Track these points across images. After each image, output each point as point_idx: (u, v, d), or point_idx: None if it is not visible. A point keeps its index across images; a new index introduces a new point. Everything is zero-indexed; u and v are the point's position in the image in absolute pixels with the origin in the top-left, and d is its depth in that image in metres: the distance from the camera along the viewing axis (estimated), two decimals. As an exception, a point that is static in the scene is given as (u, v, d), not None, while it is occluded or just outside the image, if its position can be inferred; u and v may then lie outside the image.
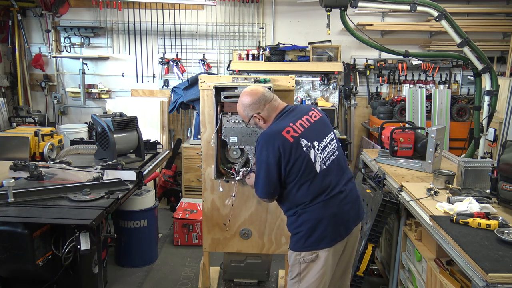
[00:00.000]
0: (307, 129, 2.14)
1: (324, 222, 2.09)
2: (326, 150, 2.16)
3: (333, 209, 2.10)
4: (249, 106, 2.21)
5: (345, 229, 2.16)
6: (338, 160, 2.20)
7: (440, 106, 4.92)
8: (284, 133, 2.08)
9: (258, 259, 3.08)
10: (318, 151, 2.12)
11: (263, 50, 5.44)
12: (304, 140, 2.09)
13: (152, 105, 5.59)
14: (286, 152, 2.06)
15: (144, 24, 5.65)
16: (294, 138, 2.08)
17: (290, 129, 2.10)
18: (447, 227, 2.09)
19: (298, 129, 2.11)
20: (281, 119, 2.18)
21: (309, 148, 2.09)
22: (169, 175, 5.43)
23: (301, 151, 2.08)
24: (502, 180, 2.35)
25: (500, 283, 1.66)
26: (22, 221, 2.36)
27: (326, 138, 2.19)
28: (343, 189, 2.15)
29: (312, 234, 2.10)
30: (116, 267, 3.78)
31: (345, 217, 2.15)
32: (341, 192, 2.14)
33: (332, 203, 2.10)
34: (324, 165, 2.12)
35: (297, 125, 2.12)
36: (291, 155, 2.07)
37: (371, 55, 5.63)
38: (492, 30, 5.49)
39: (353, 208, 2.19)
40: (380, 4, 3.08)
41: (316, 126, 2.18)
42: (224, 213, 2.86)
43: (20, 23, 5.59)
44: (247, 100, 2.21)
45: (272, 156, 2.07)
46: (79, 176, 3.05)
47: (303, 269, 2.14)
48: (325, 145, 2.16)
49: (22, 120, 4.94)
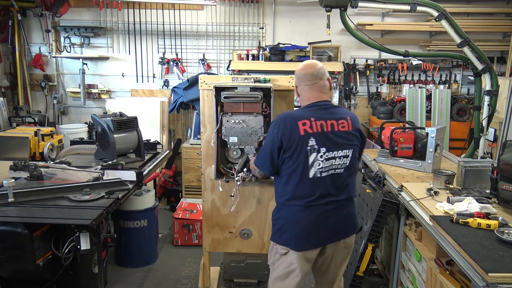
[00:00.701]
0: (324, 133, 2.09)
1: (296, 226, 2.11)
2: (331, 161, 2.10)
3: (310, 218, 2.10)
4: (296, 75, 2.25)
5: (319, 240, 2.15)
6: (340, 176, 2.14)
7: (440, 106, 4.92)
8: (299, 123, 2.07)
9: (258, 259, 3.08)
10: (321, 158, 2.08)
11: (263, 50, 5.44)
12: (312, 140, 2.07)
13: (152, 105, 5.59)
14: (291, 140, 2.06)
15: (144, 24, 5.65)
16: (305, 132, 2.06)
17: (307, 122, 2.08)
18: (447, 227, 2.09)
19: (315, 128, 2.08)
20: (310, 109, 2.15)
21: (312, 150, 2.07)
22: (169, 175, 5.42)
23: (304, 149, 2.06)
24: (502, 180, 2.35)
25: (500, 283, 1.66)
26: (22, 221, 2.36)
27: (339, 151, 2.12)
28: (332, 202, 2.11)
29: (284, 232, 2.15)
30: (116, 267, 3.78)
31: (324, 229, 2.12)
32: (329, 204, 2.11)
33: (311, 212, 2.09)
34: (320, 173, 2.08)
35: (317, 124, 2.09)
36: (292, 146, 2.07)
37: (371, 55, 5.63)
38: (492, 30, 5.49)
39: (339, 223, 2.16)
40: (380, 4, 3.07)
41: (337, 136, 2.12)
42: (224, 213, 2.86)
43: (20, 23, 5.59)
44: (298, 69, 2.23)
45: (280, 135, 2.09)
46: (79, 176, 3.05)
47: (276, 259, 2.21)
48: (333, 157, 2.10)
49: (22, 120, 4.94)
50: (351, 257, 3.03)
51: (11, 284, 2.66)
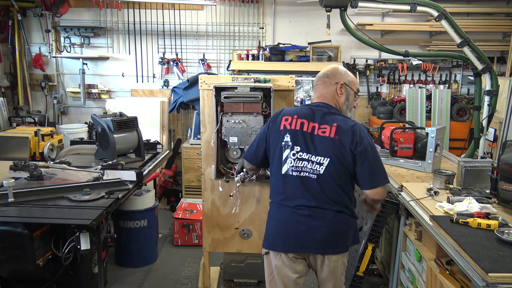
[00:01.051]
0: (301, 132, 2.07)
1: (271, 223, 2.15)
2: (304, 163, 2.04)
3: (281, 217, 2.10)
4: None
5: (291, 244, 2.07)
6: (312, 182, 2.03)
7: (440, 106, 4.92)
8: (283, 118, 2.12)
9: (258, 259, 3.09)
10: (294, 156, 2.06)
11: (263, 50, 5.44)
12: (288, 136, 2.08)
13: (152, 105, 5.59)
14: (272, 134, 2.14)
15: (144, 24, 5.65)
16: (284, 127, 2.10)
17: (289, 119, 2.11)
18: (447, 227, 2.09)
19: (293, 125, 2.09)
20: (302, 107, 2.20)
21: (286, 147, 2.08)
22: (169, 175, 5.42)
23: (280, 143, 2.10)
24: (502, 180, 2.35)
25: (500, 283, 1.65)
26: (22, 221, 2.36)
27: (312, 156, 2.03)
28: (303, 207, 2.03)
29: (265, 229, 2.19)
30: (116, 267, 3.78)
31: (296, 234, 2.05)
32: (300, 208, 2.04)
33: (283, 211, 2.09)
34: (291, 172, 2.06)
35: (297, 122, 2.09)
36: (273, 140, 2.13)
37: (371, 55, 5.63)
38: (492, 30, 5.50)
39: (317, 234, 2.03)
40: (380, 4, 3.07)
41: (313, 140, 2.05)
42: (224, 213, 2.86)
43: (20, 23, 5.59)
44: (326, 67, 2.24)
45: (269, 127, 2.18)
46: (79, 176, 3.05)
47: (263, 262, 2.24)
48: (306, 159, 2.03)
49: (22, 120, 4.94)
50: (351, 257, 3.04)
51: (11, 284, 2.66)
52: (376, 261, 3.54)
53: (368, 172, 2.04)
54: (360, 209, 3.15)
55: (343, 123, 2.05)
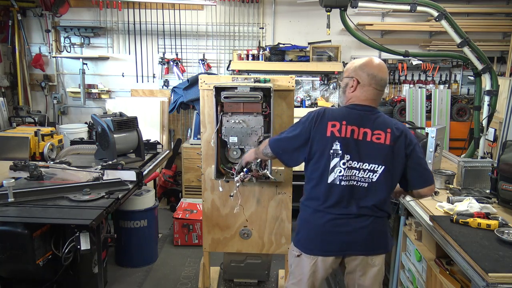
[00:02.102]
0: (352, 140, 1.96)
1: (308, 228, 2.08)
2: (354, 171, 1.97)
3: (321, 222, 2.02)
4: (363, 70, 2.02)
5: (330, 248, 2.04)
6: (361, 190, 1.98)
7: (440, 106, 4.92)
8: (329, 123, 1.96)
9: (258, 259, 3.08)
10: (344, 165, 1.95)
11: (263, 50, 5.44)
12: (337, 144, 1.95)
13: (152, 105, 5.59)
14: (317, 138, 1.97)
15: (144, 24, 5.65)
16: (332, 134, 1.95)
17: (337, 125, 1.95)
18: (447, 227, 2.09)
19: (343, 132, 1.95)
20: (348, 111, 2.01)
21: (335, 155, 1.95)
22: (169, 175, 5.42)
23: (327, 151, 1.96)
24: (502, 180, 2.35)
25: (500, 283, 1.66)
26: (22, 221, 2.36)
27: (365, 164, 1.96)
28: (347, 213, 2.00)
29: (298, 233, 2.13)
30: (116, 267, 3.78)
31: (336, 238, 2.03)
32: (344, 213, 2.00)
33: (322, 216, 2.02)
34: (339, 181, 1.97)
35: (347, 129, 1.95)
36: (317, 145, 1.98)
37: (371, 55, 5.58)
38: (492, 30, 5.50)
39: (357, 236, 2.01)
40: (380, 4, 3.07)
41: (367, 147, 1.96)
42: (224, 213, 2.86)
43: (20, 23, 5.59)
44: (369, 66, 2.01)
45: (308, 125, 1.99)
46: (79, 176, 3.05)
47: (292, 262, 2.17)
48: (357, 168, 1.96)
49: (22, 120, 4.94)
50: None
51: (11, 284, 2.66)
52: (376, 261, 3.54)
53: (422, 172, 2.05)
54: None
55: (394, 127, 2.00)
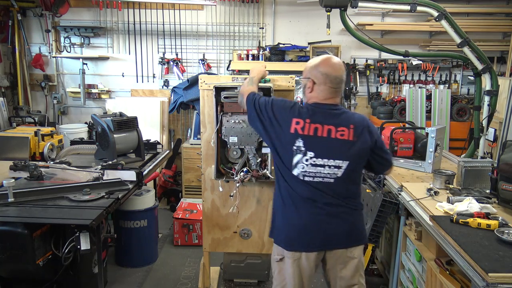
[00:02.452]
0: (316, 138, 1.99)
1: (290, 224, 2.07)
2: (319, 169, 2.00)
3: (302, 217, 2.04)
4: (316, 70, 2.04)
5: (321, 244, 2.07)
6: (329, 185, 2.02)
7: (440, 106, 4.92)
8: (293, 120, 2.00)
9: (258, 259, 3.09)
10: (307, 162, 2.00)
11: (263, 50, 5.44)
12: (300, 141, 1.99)
13: (152, 105, 5.59)
14: (280, 131, 2.03)
15: (144, 24, 5.65)
16: (295, 131, 1.99)
17: (301, 123, 1.99)
18: (447, 227, 2.09)
19: (306, 130, 1.99)
20: (312, 109, 2.03)
21: (298, 151, 2.00)
22: (169, 175, 5.42)
23: (290, 147, 2.00)
24: (502, 180, 2.35)
25: (500, 283, 1.66)
26: (22, 221, 2.36)
27: (330, 160, 1.99)
28: (323, 208, 2.03)
29: (280, 231, 2.13)
30: (116, 267, 3.78)
31: (320, 234, 2.05)
32: (320, 208, 2.03)
33: (302, 211, 2.04)
34: (302, 177, 2.01)
35: (311, 127, 1.99)
36: (281, 139, 2.04)
37: (371, 55, 5.63)
38: (492, 30, 5.49)
39: (334, 231, 2.06)
40: (380, 4, 3.08)
41: (332, 144, 2.00)
42: (224, 213, 2.86)
43: (20, 23, 5.59)
44: (323, 65, 2.04)
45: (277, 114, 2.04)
46: (79, 176, 3.05)
47: (274, 269, 2.17)
48: (322, 164, 2.00)
49: (22, 120, 4.94)
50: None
51: (11, 284, 2.66)
52: (376, 261, 3.54)
53: (383, 158, 2.16)
54: (360, 209, 3.15)
55: (357, 122, 2.04)
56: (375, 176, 3.28)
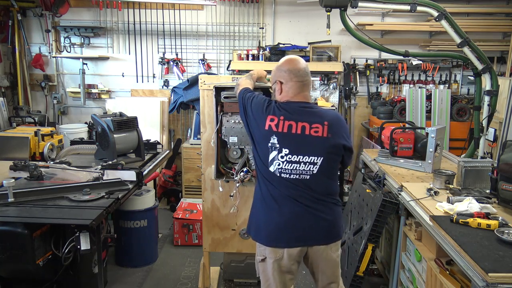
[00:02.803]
0: (290, 135, 2.02)
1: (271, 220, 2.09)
2: (295, 165, 2.02)
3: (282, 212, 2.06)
4: (279, 70, 2.12)
5: (302, 240, 2.08)
6: (305, 182, 2.04)
7: (440, 106, 4.92)
8: (268, 117, 2.04)
9: (258, 259, 3.08)
10: (282, 159, 2.02)
11: (263, 50, 5.44)
12: (274, 139, 2.02)
13: (152, 105, 5.59)
14: (256, 127, 2.08)
15: (144, 24, 5.65)
16: (269, 128, 2.03)
17: (275, 119, 2.03)
18: (447, 227, 2.09)
19: (280, 127, 2.01)
20: (286, 107, 2.05)
21: (273, 148, 2.03)
22: (169, 175, 5.43)
23: (266, 144, 2.04)
24: (502, 180, 2.35)
25: (500, 283, 1.66)
26: (22, 221, 2.36)
27: (305, 157, 2.01)
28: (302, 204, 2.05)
29: (259, 229, 2.14)
30: (116, 267, 3.78)
31: (301, 230, 2.07)
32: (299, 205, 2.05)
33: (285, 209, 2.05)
34: (279, 173, 2.04)
35: (285, 124, 2.01)
36: (257, 135, 2.09)
37: (371, 55, 5.63)
38: (492, 30, 5.49)
39: (313, 229, 2.08)
40: (380, 4, 3.08)
41: (306, 141, 2.02)
42: (224, 213, 2.86)
43: (20, 23, 5.59)
44: (283, 64, 2.13)
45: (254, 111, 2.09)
46: (79, 176, 3.05)
47: (258, 270, 2.22)
48: (297, 161, 2.02)
49: (22, 120, 4.94)
50: (351, 257, 3.04)
51: (11, 284, 2.66)
52: (376, 261, 3.54)
53: (351, 153, 2.20)
54: (360, 209, 3.15)
55: (331, 119, 2.08)
56: (375, 176, 3.28)
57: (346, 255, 3.16)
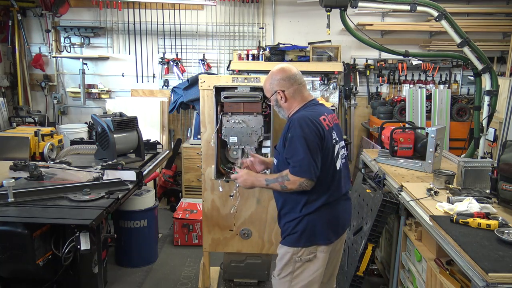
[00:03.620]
0: (335, 126, 2.18)
1: (327, 222, 2.12)
2: (343, 151, 2.21)
3: (337, 211, 2.16)
4: (276, 81, 2.16)
5: (342, 229, 2.24)
6: (346, 166, 2.25)
7: (440, 106, 4.92)
8: (321, 119, 2.08)
9: (258, 259, 3.08)
10: (340, 148, 2.18)
11: (263, 50, 5.44)
12: (334, 133, 2.13)
13: (152, 105, 5.59)
14: (324, 137, 2.03)
15: (144, 24, 5.65)
16: (328, 127, 2.10)
17: (326, 118, 2.11)
18: (447, 227, 2.09)
19: (330, 122, 2.13)
20: (314, 108, 2.15)
21: (336, 142, 2.13)
22: (169, 175, 5.43)
23: (331, 142, 2.09)
24: (502, 180, 2.35)
25: (500, 283, 1.66)
26: (22, 221, 2.36)
27: (341, 142, 2.21)
28: (346, 193, 2.23)
29: (314, 231, 2.10)
30: (116, 267, 3.78)
31: (342, 221, 2.22)
32: (345, 195, 2.22)
33: (338, 205, 2.17)
34: (340, 163, 2.16)
35: (329, 118, 2.15)
36: (326, 143, 2.05)
37: (371, 55, 5.63)
38: (492, 30, 5.49)
39: (349, 213, 2.29)
40: (380, 4, 3.08)
41: (338, 129, 2.22)
42: (224, 213, 2.86)
43: (20, 23, 5.59)
44: (277, 74, 2.17)
45: (314, 133, 1.99)
46: (79, 176, 3.05)
47: (298, 267, 2.13)
48: (341, 147, 2.20)
49: (22, 120, 4.94)
50: (351, 257, 3.04)
51: (11, 284, 2.66)
52: (376, 261, 3.54)
53: None
54: (360, 209, 3.15)
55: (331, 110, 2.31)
56: (375, 176, 3.28)
57: (346, 255, 3.16)
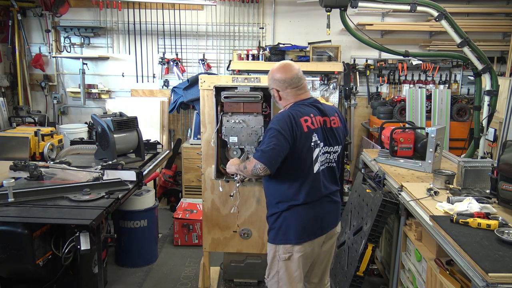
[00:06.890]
0: (322, 128, 2.15)
1: (303, 222, 2.14)
2: (326, 155, 2.18)
3: (317, 212, 2.17)
4: (274, 79, 2.20)
5: (321, 231, 2.23)
6: (333, 170, 2.25)
7: (440, 106, 4.92)
8: (301, 120, 2.08)
9: (258, 259, 3.08)
10: (321, 152, 2.15)
11: (263, 50, 5.44)
12: (315, 136, 2.11)
13: (152, 105, 5.59)
14: (297, 137, 2.06)
15: (144, 24, 5.65)
16: (308, 129, 2.09)
17: (308, 119, 2.10)
18: (447, 227, 2.09)
19: (315, 124, 2.12)
20: (301, 108, 2.14)
21: (315, 146, 2.11)
22: (169, 175, 5.43)
23: (309, 145, 2.09)
24: (502, 180, 2.35)
25: (500, 283, 1.66)
26: (22, 221, 2.36)
27: (332, 147, 2.19)
28: (329, 195, 2.22)
29: (287, 230, 2.15)
30: (116, 267, 3.78)
31: (322, 223, 2.22)
32: (328, 197, 2.21)
33: (319, 206, 2.17)
34: (319, 168, 2.15)
35: (316, 120, 2.13)
36: (299, 143, 2.07)
37: (371, 55, 5.63)
38: (492, 30, 5.49)
39: (333, 215, 2.27)
40: (380, 4, 3.08)
41: (330, 132, 2.19)
42: (224, 213, 2.86)
43: (20, 23, 5.59)
44: (276, 73, 2.20)
45: (288, 131, 2.03)
46: (79, 176, 3.05)
47: (279, 269, 2.19)
48: (328, 151, 2.18)
49: (22, 120, 4.94)
50: (351, 257, 3.04)
51: (11, 284, 2.66)
52: (376, 261, 3.54)
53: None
54: (360, 209, 3.15)
55: (337, 110, 2.30)
56: (375, 176, 3.28)
57: (346, 255, 3.16)
